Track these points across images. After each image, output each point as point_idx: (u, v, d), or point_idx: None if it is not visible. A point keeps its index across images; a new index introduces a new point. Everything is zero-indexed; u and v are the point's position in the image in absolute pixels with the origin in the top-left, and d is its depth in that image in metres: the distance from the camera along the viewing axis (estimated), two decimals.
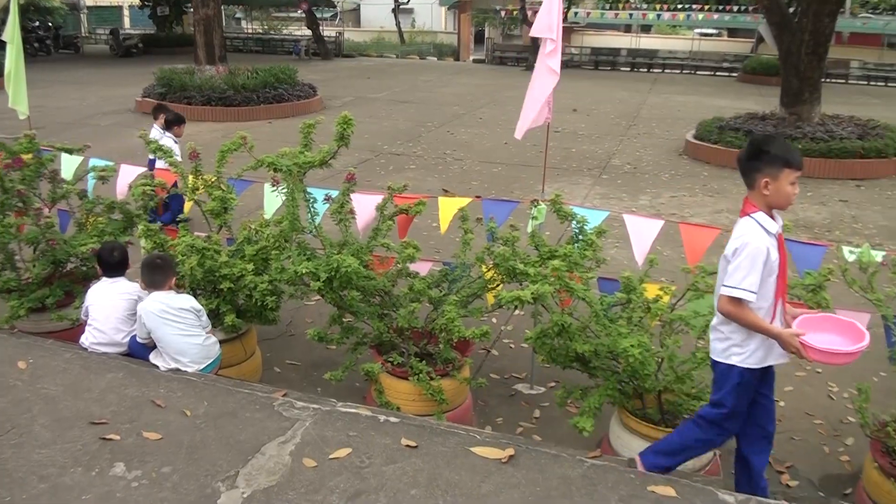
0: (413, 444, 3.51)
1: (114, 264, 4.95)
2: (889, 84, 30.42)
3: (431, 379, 4.52)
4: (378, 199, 5.32)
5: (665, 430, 4.11)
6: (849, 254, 4.77)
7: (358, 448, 3.52)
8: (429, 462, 3.36)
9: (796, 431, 5.30)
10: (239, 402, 4.02)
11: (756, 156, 3.49)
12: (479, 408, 5.28)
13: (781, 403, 5.62)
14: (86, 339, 4.81)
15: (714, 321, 3.62)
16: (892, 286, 4.64)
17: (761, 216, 3.45)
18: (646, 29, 45.59)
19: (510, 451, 3.41)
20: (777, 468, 4.86)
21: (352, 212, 5.07)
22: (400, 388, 4.65)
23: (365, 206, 5.41)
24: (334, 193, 5.05)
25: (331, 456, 3.46)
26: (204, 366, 4.62)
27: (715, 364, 3.62)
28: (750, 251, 3.36)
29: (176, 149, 8.12)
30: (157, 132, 8.60)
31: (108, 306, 4.82)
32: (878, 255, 4.69)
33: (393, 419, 3.77)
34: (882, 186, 12.72)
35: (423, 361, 4.61)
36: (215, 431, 3.70)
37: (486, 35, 39.22)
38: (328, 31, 39.32)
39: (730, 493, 3.27)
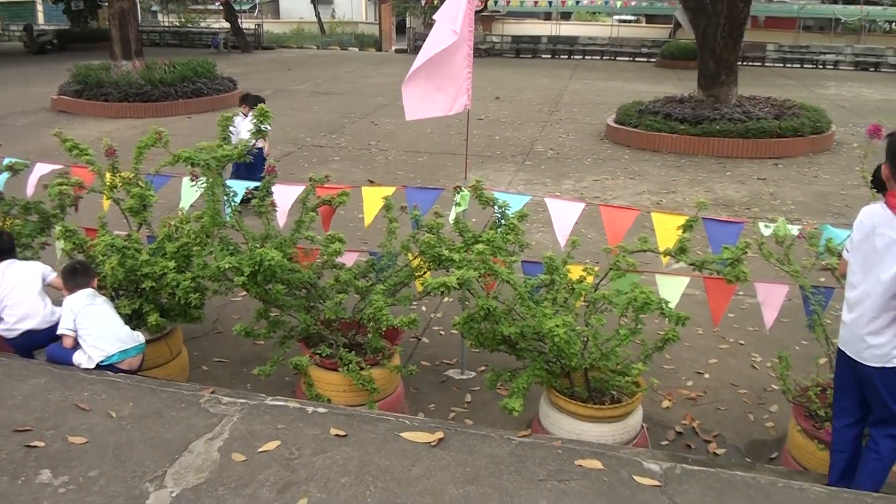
0: (342, 433, 3.51)
1: (4, 250, 4.98)
2: (804, 65, 31.41)
3: (361, 369, 4.52)
4: (300, 191, 5.28)
5: (593, 407, 4.20)
6: (764, 228, 4.92)
7: (287, 440, 3.51)
8: (359, 450, 3.37)
9: (722, 401, 5.46)
10: (164, 401, 3.96)
11: None
12: (412, 395, 5.30)
13: (706, 375, 5.79)
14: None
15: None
16: (809, 258, 4.80)
17: None
18: (566, 16, 46.03)
19: (439, 435, 3.44)
20: (704, 437, 5.01)
21: (273, 204, 5.02)
22: (330, 379, 4.63)
23: (288, 198, 5.36)
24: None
25: (260, 449, 3.44)
26: (128, 347, 4.55)
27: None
28: None
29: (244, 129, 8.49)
30: (242, 118, 8.95)
31: (17, 283, 4.82)
32: (793, 229, 4.85)
33: (321, 410, 3.76)
34: (798, 164, 13.13)
35: (353, 352, 4.61)
36: (141, 432, 3.64)
37: (408, 24, 39.04)
38: (247, 23, 38.72)
39: (655, 462, 3.36)
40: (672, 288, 4.81)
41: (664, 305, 4.15)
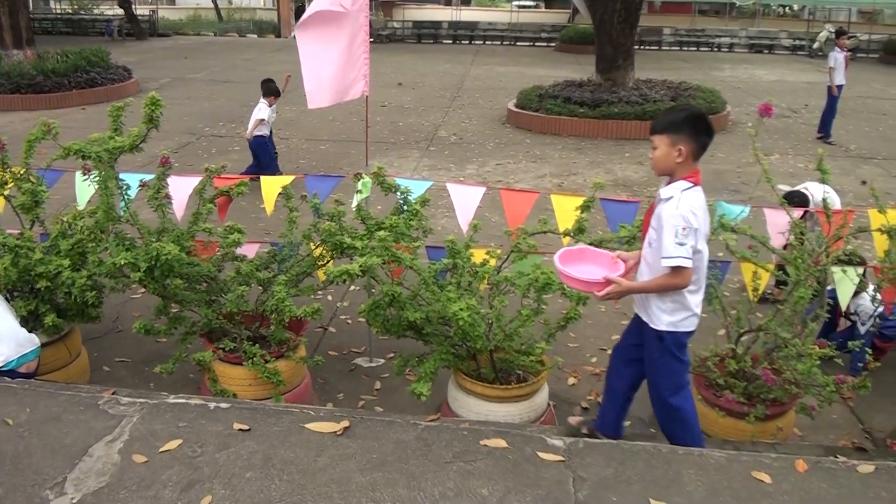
0: (246, 427, 3.46)
1: None
2: (700, 49, 32.39)
3: (266, 362, 4.47)
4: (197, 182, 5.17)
5: (499, 388, 4.25)
6: None
7: (189, 438, 3.43)
8: (263, 443, 3.33)
9: None
10: (62, 405, 3.82)
11: None
12: (319, 386, 5.26)
13: (609, 351, 5.89)
14: None
15: None
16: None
17: None
18: (466, 2, 46.27)
19: (345, 424, 3.43)
20: None
21: (167, 196, 4.89)
22: (234, 374, 4.56)
23: (184, 190, 5.23)
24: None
25: (161, 449, 3.36)
26: (26, 351, 4.35)
27: None
28: None
29: (262, 112, 10.08)
30: (265, 104, 10.19)
31: None
32: None
33: (224, 405, 3.69)
34: None
35: (257, 345, 4.54)
36: (39, 438, 3.50)
37: (307, 10, 38.53)
38: (141, 10, 37.45)
39: (559, 438, 3.43)
40: None
41: (565, 285, 4.22)
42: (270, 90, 10.39)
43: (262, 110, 10.15)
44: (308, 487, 3.05)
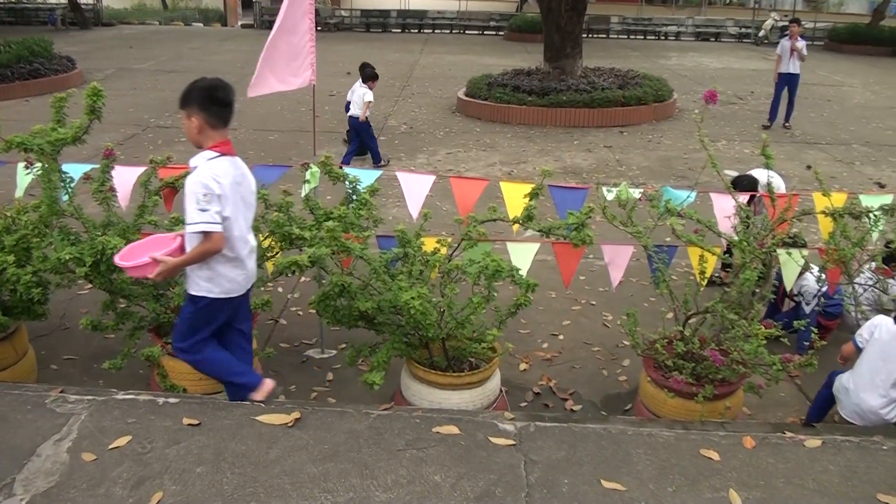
0: (195, 421, 3.42)
1: None
2: (648, 37, 32.71)
3: None
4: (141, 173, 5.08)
5: (452, 375, 4.27)
6: (607, 193, 5.10)
7: (138, 434, 3.39)
8: (213, 437, 3.29)
9: (577, 360, 5.66)
10: (10, 404, 3.73)
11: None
12: (271, 378, 5.20)
13: (561, 336, 5.99)
14: None
15: None
16: (651, 219, 5.01)
17: None
18: None
19: (296, 415, 3.41)
20: (561, 396, 5.19)
21: (112, 189, 4.80)
22: (184, 368, 4.48)
23: (129, 181, 5.15)
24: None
25: (110, 446, 3.31)
26: None
27: None
28: None
29: (369, 95, 10.89)
30: (359, 82, 11.04)
31: None
32: (635, 192, 5.04)
33: (173, 400, 3.65)
34: (643, 131, 13.70)
35: None
36: None
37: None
38: None
39: (510, 423, 3.45)
40: (523, 255, 4.92)
41: (515, 272, 4.25)
42: (372, 74, 11.16)
43: (368, 94, 10.93)
44: (260, 480, 3.03)
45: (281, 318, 6.11)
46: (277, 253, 4.72)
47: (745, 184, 6.24)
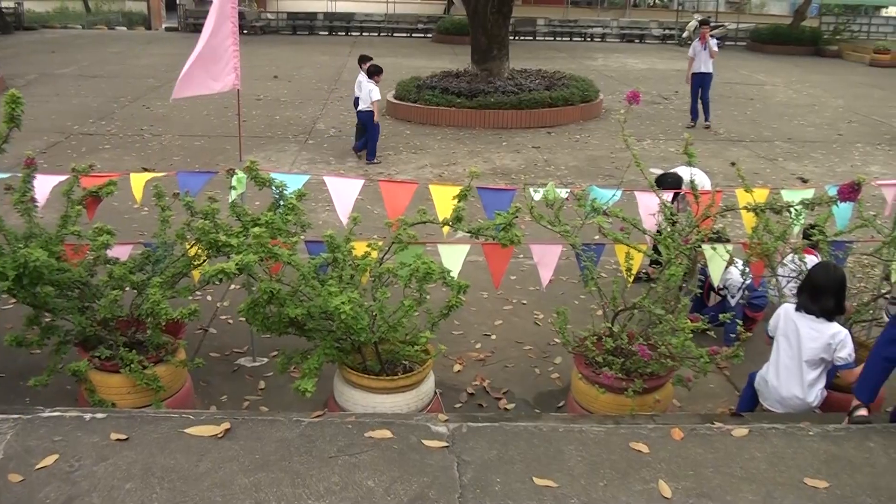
0: (124, 436, 3.34)
1: None
2: (573, 39, 33.13)
3: (144, 368, 4.32)
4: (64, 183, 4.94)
5: (385, 379, 4.25)
6: (534, 193, 5.14)
7: (65, 452, 3.29)
8: (142, 452, 3.22)
9: (509, 359, 5.72)
10: None
11: None
12: (202, 388, 5.14)
13: (493, 336, 6.03)
14: None
15: None
16: (579, 218, 5.08)
17: None
18: None
19: (225, 426, 3.35)
20: (495, 395, 5.23)
21: (33, 200, 4.66)
22: (112, 382, 4.40)
23: (50, 189, 5.01)
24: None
25: (38, 466, 3.20)
26: None
27: None
28: None
29: (376, 92, 11.41)
30: (364, 77, 11.62)
31: None
32: (562, 192, 5.10)
33: (100, 415, 3.55)
34: (570, 131, 13.88)
35: (134, 351, 4.38)
36: None
37: (178, 1, 37.20)
38: (6, 2, 35.30)
39: (443, 424, 3.46)
40: (454, 256, 4.94)
41: (446, 274, 4.25)
42: (377, 69, 11.77)
43: (375, 91, 11.44)
44: (190, 494, 2.97)
45: (210, 327, 6.02)
46: (204, 261, 4.64)
47: (669, 182, 6.37)
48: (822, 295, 4.25)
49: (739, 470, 3.19)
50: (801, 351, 4.28)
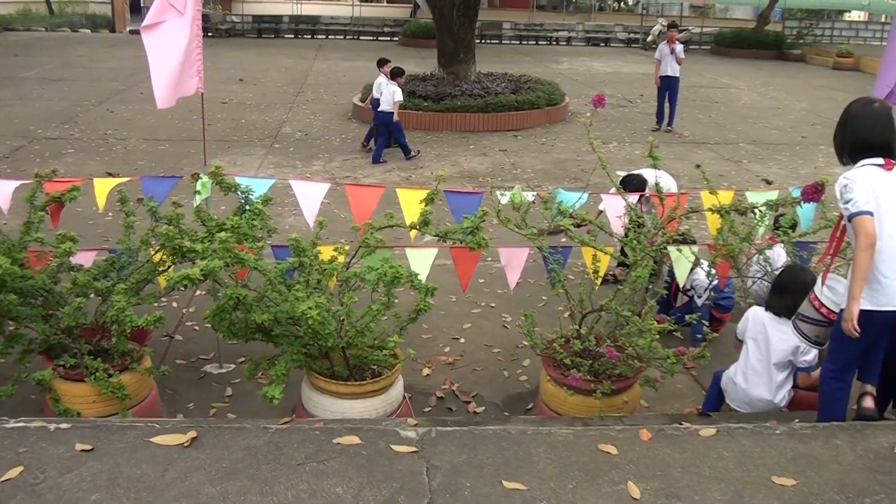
0: (89, 447, 3.28)
1: None
2: (539, 42, 33.32)
3: (109, 376, 4.26)
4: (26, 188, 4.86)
5: (353, 384, 4.23)
6: (501, 196, 5.16)
7: (30, 464, 3.22)
8: (107, 462, 3.16)
9: (478, 363, 5.72)
10: None
11: None
12: (168, 396, 5.08)
13: (462, 340, 6.03)
14: None
15: None
16: (546, 221, 5.10)
17: None
18: None
19: (192, 434, 3.30)
20: (464, 399, 5.23)
21: None
22: (77, 391, 4.33)
23: (11, 195, 4.94)
24: None
25: (2, 479, 3.12)
26: None
27: None
28: None
29: (399, 93, 11.70)
30: (384, 79, 11.90)
31: None
32: (528, 195, 5.12)
33: (65, 425, 3.48)
34: (536, 134, 13.94)
35: (99, 359, 4.32)
36: None
37: (143, 3, 36.72)
38: None
39: (411, 429, 3.44)
40: (422, 260, 4.94)
41: (413, 278, 4.25)
42: (399, 71, 12.13)
43: (398, 92, 11.74)
44: None
45: (176, 334, 5.95)
46: (169, 267, 4.59)
47: (633, 183, 6.42)
48: (790, 296, 4.30)
49: (708, 470, 3.22)
50: (770, 354, 4.34)
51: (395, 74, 11.97)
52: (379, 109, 11.80)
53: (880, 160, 3.59)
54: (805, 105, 18.42)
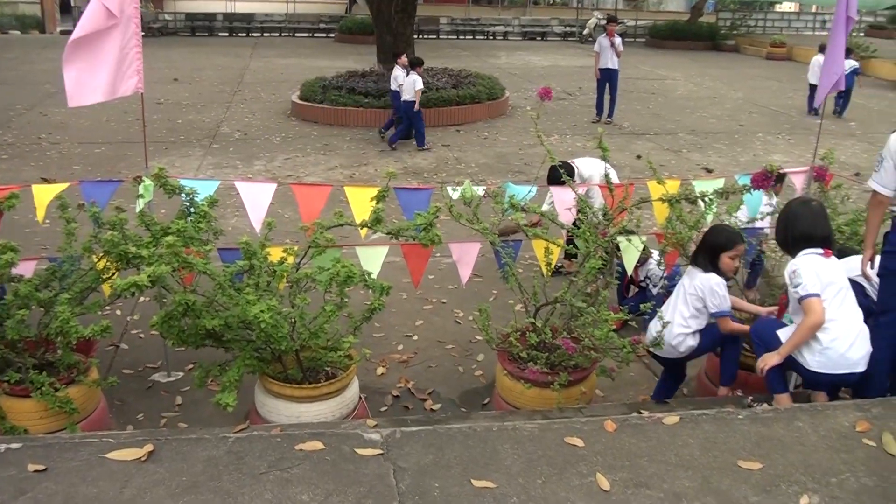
0: (42, 467, 3.13)
1: None
2: (476, 37, 33.41)
3: (56, 390, 4.10)
4: None
5: (308, 387, 4.15)
6: (452, 192, 5.12)
7: None
8: (62, 482, 3.02)
9: (432, 359, 5.68)
10: None
11: None
12: (117, 408, 4.93)
13: (415, 337, 5.99)
14: None
15: None
16: (496, 215, 5.08)
17: None
18: None
19: (148, 448, 3.18)
20: (420, 396, 5.19)
21: None
22: (23, 408, 4.16)
23: None
24: None
25: None
26: None
27: None
28: None
29: (420, 82, 12.17)
30: (400, 71, 12.34)
31: None
32: (479, 190, 5.10)
33: (15, 445, 3.31)
34: (479, 129, 13.96)
35: (44, 372, 4.15)
36: None
37: (73, 3, 35.71)
38: None
39: (375, 432, 3.38)
40: (373, 258, 4.87)
41: (367, 277, 4.19)
42: (418, 61, 12.71)
43: (419, 81, 12.19)
44: None
45: (122, 343, 5.78)
46: (113, 274, 4.44)
47: (561, 172, 6.45)
48: (700, 250, 4.59)
49: (674, 457, 3.23)
50: (686, 295, 4.56)
51: (414, 64, 12.42)
52: (402, 100, 12.23)
53: (820, 250, 4.07)
54: (741, 94, 18.79)
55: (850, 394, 4.33)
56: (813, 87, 16.83)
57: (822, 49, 17.39)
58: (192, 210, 4.47)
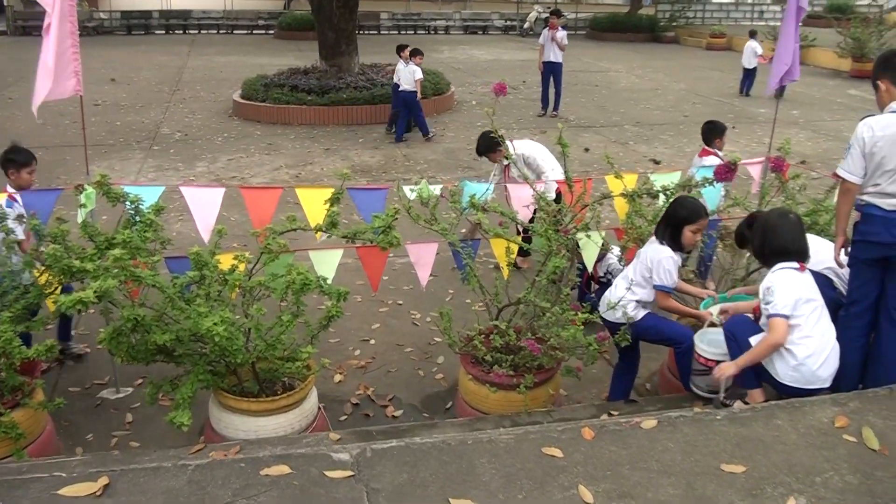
0: None
1: None
2: (418, 32, 33.32)
3: (0, 415, 3.85)
4: None
5: (266, 400, 3.98)
6: (409, 191, 4.99)
7: None
8: None
9: (391, 363, 5.55)
10: None
11: None
12: (65, 429, 4.67)
13: (372, 341, 5.84)
14: None
15: None
16: (453, 214, 4.95)
17: None
18: None
19: (104, 481, 2.94)
20: (380, 403, 5.05)
21: None
22: None
23: None
24: None
25: None
26: None
27: None
28: None
29: (419, 72, 12.41)
30: (402, 63, 12.46)
31: None
32: (436, 189, 4.96)
33: None
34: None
35: None
36: None
37: (6, 2, 34.51)
38: None
39: (344, 451, 3.21)
40: (327, 262, 4.72)
41: (323, 283, 4.02)
42: (417, 51, 12.67)
43: (418, 71, 12.41)
44: None
45: (66, 361, 5.50)
46: (56, 289, 4.20)
47: (487, 140, 6.51)
48: (663, 221, 4.57)
49: (656, 464, 3.13)
50: (637, 262, 4.59)
51: (413, 54, 12.54)
52: (400, 90, 12.35)
53: (795, 264, 4.06)
54: (683, 85, 18.96)
55: None
56: (746, 71, 17.25)
57: (752, 34, 17.84)
58: (137, 219, 4.24)
